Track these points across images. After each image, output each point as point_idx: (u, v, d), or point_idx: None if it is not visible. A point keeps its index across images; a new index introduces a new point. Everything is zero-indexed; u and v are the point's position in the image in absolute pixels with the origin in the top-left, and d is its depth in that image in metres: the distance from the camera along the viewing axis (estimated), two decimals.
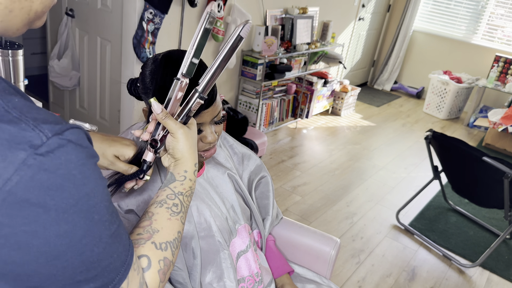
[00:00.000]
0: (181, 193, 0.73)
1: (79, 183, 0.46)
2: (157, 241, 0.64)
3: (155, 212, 0.68)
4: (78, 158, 0.46)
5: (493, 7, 4.98)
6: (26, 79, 1.76)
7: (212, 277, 1.02)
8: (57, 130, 0.44)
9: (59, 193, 0.44)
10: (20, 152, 0.42)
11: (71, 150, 0.45)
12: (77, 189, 0.46)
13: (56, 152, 0.44)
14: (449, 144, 2.38)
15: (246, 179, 1.21)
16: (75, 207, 0.46)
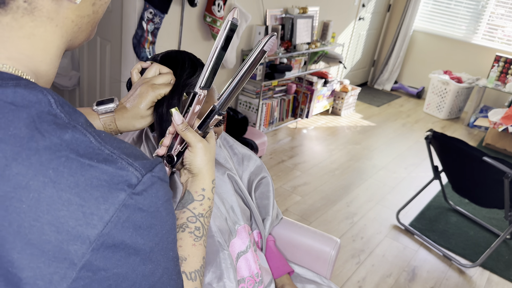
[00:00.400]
0: (201, 215, 0.69)
1: (164, 220, 0.46)
2: (186, 270, 0.62)
3: (179, 238, 0.65)
4: (164, 194, 0.46)
5: (493, 7, 4.98)
6: None
7: (212, 277, 1.02)
8: (148, 167, 0.44)
9: (147, 232, 0.44)
10: (120, 193, 0.41)
11: (160, 188, 0.45)
12: (162, 227, 0.46)
13: (149, 190, 0.43)
14: (449, 144, 2.37)
15: (246, 179, 1.21)
16: (158, 246, 0.46)
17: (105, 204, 0.40)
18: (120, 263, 0.42)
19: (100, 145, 0.43)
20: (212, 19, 2.95)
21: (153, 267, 0.45)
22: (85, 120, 0.45)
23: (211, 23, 2.97)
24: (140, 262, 0.44)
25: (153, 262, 0.45)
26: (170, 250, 0.48)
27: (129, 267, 0.43)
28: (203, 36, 3.08)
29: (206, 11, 2.95)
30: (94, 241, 0.40)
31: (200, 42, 3.08)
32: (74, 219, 0.39)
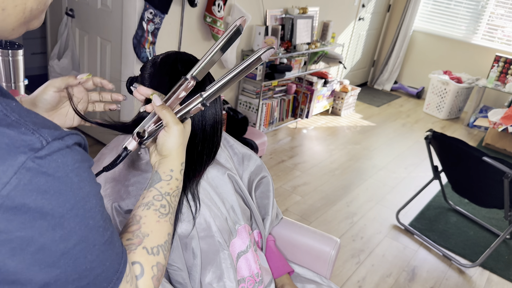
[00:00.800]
0: (168, 194, 0.70)
1: (75, 187, 0.46)
2: (148, 245, 0.62)
3: (143, 215, 0.66)
4: (74, 160, 0.46)
5: (493, 7, 4.98)
6: (26, 79, 1.77)
7: (212, 277, 1.02)
8: (57, 135, 0.44)
9: (56, 197, 0.43)
10: (20, 156, 0.41)
11: (68, 153, 0.45)
12: (73, 193, 0.45)
13: (54, 155, 0.43)
14: (449, 144, 2.38)
15: (246, 179, 1.21)
16: (71, 212, 0.45)
17: (3, 166, 0.40)
18: (24, 226, 0.41)
19: (6, 112, 0.43)
20: (212, 19, 2.96)
21: (65, 234, 0.45)
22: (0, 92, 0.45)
23: (211, 23, 2.97)
24: (49, 227, 0.43)
25: (65, 229, 0.45)
26: (89, 219, 0.48)
27: (35, 230, 0.42)
28: (203, 36, 3.08)
29: (206, 11, 2.95)
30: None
31: (200, 42, 3.08)
32: None
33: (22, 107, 0.46)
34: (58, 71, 3.01)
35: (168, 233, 0.67)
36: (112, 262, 0.52)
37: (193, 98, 0.77)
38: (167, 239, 0.66)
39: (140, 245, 0.62)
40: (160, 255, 0.63)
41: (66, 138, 0.45)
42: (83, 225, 0.47)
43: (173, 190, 0.71)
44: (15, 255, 0.42)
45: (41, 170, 0.42)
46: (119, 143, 1.05)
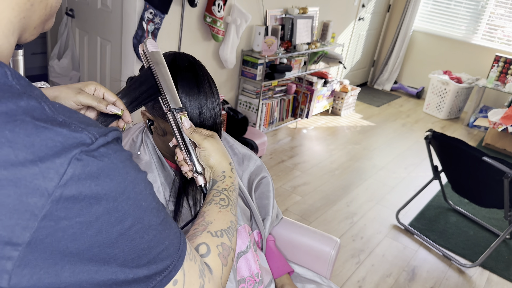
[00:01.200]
0: (224, 189, 0.77)
1: (122, 172, 0.49)
2: (212, 230, 0.68)
3: (206, 210, 0.73)
4: (118, 152, 0.50)
5: (493, 7, 4.98)
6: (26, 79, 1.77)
7: None
8: (102, 132, 0.48)
9: (107, 182, 0.47)
10: (73, 149, 0.45)
11: (112, 147, 0.49)
12: (122, 177, 0.49)
13: (102, 148, 0.47)
14: (449, 144, 2.38)
15: (246, 179, 1.21)
16: (123, 195, 0.49)
17: (60, 159, 0.44)
18: (82, 212, 0.45)
19: (53, 113, 0.47)
20: (212, 19, 2.96)
21: (120, 216, 0.48)
22: (40, 93, 0.48)
23: (211, 23, 2.97)
24: (104, 211, 0.47)
25: (119, 211, 0.48)
26: (141, 201, 0.51)
27: (91, 215, 0.46)
28: (203, 36, 3.08)
29: (206, 11, 2.95)
30: (53, 193, 0.43)
31: (200, 42, 3.08)
32: (31, 174, 0.43)
33: (65, 108, 0.49)
34: (58, 71, 3.01)
35: (231, 221, 0.73)
36: (171, 241, 0.55)
37: (171, 120, 0.80)
38: (230, 225, 0.72)
39: (204, 231, 0.68)
40: (224, 237, 0.69)
41: (110, 134, 0.49)
42: (136, 207, 0.50)
43: (228, 186, 0.78)
44: (76, 239, 0.46)
45: (91, 160, 0.46)
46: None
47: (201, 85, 0.88)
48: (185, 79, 0.87)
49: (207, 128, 0.90)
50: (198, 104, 0.87)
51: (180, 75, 0.87)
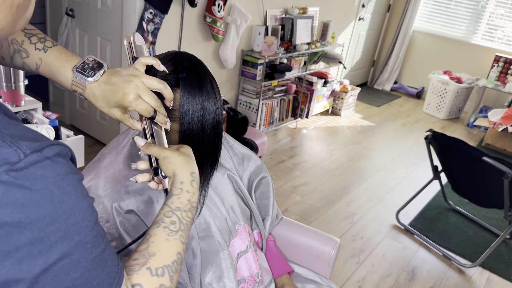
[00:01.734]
0: (178, 209, 0.67)
1: (56, 200, 0.44)
2: (152, 266, 0.59)
3: (153, 234, 0.63)
4: (56, 173, 0.44)
5: (493, 7, 4.98)
6: (26, 79, 1.76)
7: (212, 277, 1.02)
8: (36, 147, 0.43)
9: (34, 210, 0.42)
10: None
11: (48, 166, 0.43)
12: (54, 207, 0.43)
13: (31, 168, 0.42)
14: (449, 144, 2.38)
15: (246, 179, 1.21)
16: (52, 226, 0.43)
17: None
18: (0, 240, 0.41)
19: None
20: (212, 19, 2.96)
21: (44, 249, 0.43)
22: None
23: (211, 23, 2.97)
24: (27, 242, 0.42)
25: (45, 244, 0.43)
26: (74, 234, 0.45)
27: (11, 245, 0.41)
28: (203, 37, 3.08)
29: (206, 11, 2.95)
30: None
31: (200, 42, 3.08)
32: None
33: (2, 118, 0.44)
34: None
35: (178, 252, 0.63)
36: (101, 282, 0.49)
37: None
38: (175, 259, 0.62)
39: (144, 266, 0.59)
40: (165, 276, 0.60)
41: (46, 150, 0.44)
42: (66, 240, 0.45)
43: (184, 205, 0.68)
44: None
45: (16, 183, 0.41)
46: (118, 143, 1.05)
47: (203, 84, 0.88)
48: (186, 78, 0.87)
49: (208, 127, 0.90)
50: (199, 103, 0.87)
51: (181, 74, 0.87)
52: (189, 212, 0.68)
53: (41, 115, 1.84)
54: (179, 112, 0.86)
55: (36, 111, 1.84)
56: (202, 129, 0.88)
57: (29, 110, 1.83)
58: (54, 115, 1.84)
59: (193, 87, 0.87)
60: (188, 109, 0.86)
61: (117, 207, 0.93)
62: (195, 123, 0.87)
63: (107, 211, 0.92)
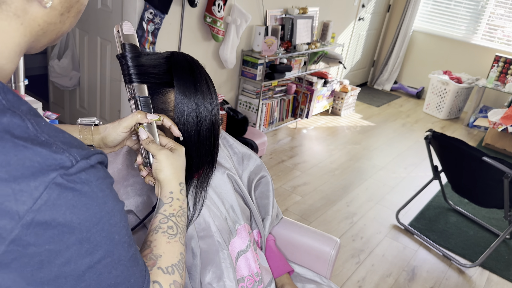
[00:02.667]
0: (172, 215, 0.72)
1: (100, 201, 0.47)
2: (163, 265, 0.64)
3: (153, 240, 0.68)
4: (97, 177, 0.47)
5: (493, 7, 4.98)
6: (26, 79, 1.77)
7: (212, 277, 1.02)
8: (84, 155, 0.46)
9: (83, 211, 0.45)
10: (51, 173, 0.43)
11: (95, 172, 0.47)
12: (99, 208, 0.47)
13: (82, 173, 0.45)
14: (449, 144, 2.38)
15: (245, 179, 1.21)
16: (97, 226, 0.47)
17: (35, 182, 0.42)
18: (52, 240, 0.43)
19: (36, 132, 0.45)
20: (212, 19, 2.96)
21: (91, 247, 0.46)
22: (28, 109, 0.47)
23: (211, 23, 2.97)
24: (76, 240, 0.45)
25: (91, 243, 0.46)
26: (115, 234, 0.49)
27: (62, 244, 0.44)
28: (203, 37, 3.08)
29: (206, 11, 2.95)
30: (24, 217, 0.41)
31: (200, 43, 3.08)
32: (2, 195, 0.41)
33: (51, 126, 0.48)
34: (58, 71, 3.01)
35: (181, 253, 0.69)
36: (136, 279, 0.53)
37: (132, 106, 0.81)
38: (180, 258, 0.68)
39: (155, 266, 0.63)
40: (175, 273, 0.65)
41: (93, 157, 0.47)
42: (109, 240, 0.49)
43: (176, 211, 0.73)
44: (43, 267, 0.43)
45: (69, 185, 0.44)
46: None
47: (198, 85, 0.87)
48: (182, 78, 0.86)
49: (203, 128, 0.88)
50: (195, 104, 0.86)
51: (177, 74, 0.86)
52: (182, 217, 0.74)
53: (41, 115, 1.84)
54: (174, 113, 0.85)
55: None
56: (198, 130, 0.87)
57: None
58: (54, 115, 1.84)
59: (188, 88, 0.86)
60: (183, 110, 0.85)
61: None
62: (190, 124, 0.86)
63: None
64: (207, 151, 0.92)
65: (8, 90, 0.46)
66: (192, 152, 0.89)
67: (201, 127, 0.87)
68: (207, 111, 0.88)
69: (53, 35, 0.53)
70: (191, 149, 0.88)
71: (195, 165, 0.91)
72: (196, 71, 0.88)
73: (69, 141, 0.47)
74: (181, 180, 0.77)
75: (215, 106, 0.90)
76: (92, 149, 0.49)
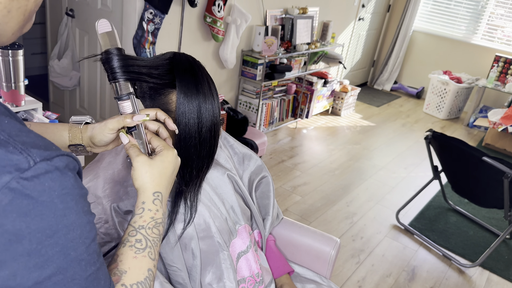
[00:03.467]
0: (142, 227, 0.67)
1: (59, 214, 0.43)
2: (127, 282, 0.60)
3: (120, 254, 0.64)
4: (62, 187, 0.44)
5: (493, 7, 4.98)
6: (26, 79, 1.77)
7: (212, 278, 1.02)
8: (46, 156, 0.43)
9: (36, 221, 0.41)
10: (5, 175, 0.40)
11: (57, 178, 0.43)
12: (56, 220, 0.43)
13: (41, 178, 0.42)
14: (449, 144, 2.38)
15: (246, 179, 1.21)
16: (50, 239, 0.43)
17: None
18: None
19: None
20: (212, 19, 2.96)
21: (41, 262, 0.43)
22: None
23: (211, 23, 2.97)
24: (24, 251, 0.41)
25: (42, 256, 0.43)
26: (71, 249, 0.45)
27: (8, 254, 0.40)
28: (203, 37, 3.08)
29: (206, 11, 2.95)
30: None
31: (200, 43, 3.08)
32: None
33: (14, 125, 0.44)
34: (58, 71, 3.01)
35: (149, 269, 0.64)
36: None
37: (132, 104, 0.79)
38: (147, 275, 0.63)
39: (118, 283, 0.59)
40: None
41: (56, 159, 0.43)
42: (63, 255, 0.44)
43: (147, 223, 0.67)
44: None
45: (24, 192, 0.41)
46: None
47: (200, 86, 0.87)
48: (183, 79, 0.86)
49: (204, 129, 0.88)
50: (196, 105, 0.86)
51: (178, 75, 0.86)
52: (154, 228, 0.68)
53: (41, 115, 1.84)
54: (175, 114, 0.85)
55: (36, 111, 1.84)
56: (199, 131, 0.87)
57: (29, 110, 1.84)
58: (54, 115, 1.84)
59: (189, 89, 0.86)
60: (184, 111, 0.85)
61: (116, 207, 0.93)
62: (191, 125, 0.86)
63: (106, 212, 0.92)
64: (207, 152, 0.92)
65: None
66: (192, 153, 0.88)
67: (202, 128, 0.87)
68: (209, 112, 0.88)
69: (20, 15, 0.48)
70: (192, 150, 0.88)
71: (195, 166, 0.91)
72: (198, 72, 0.88)
73: (33, 141, 0.43)
74: (158, 189, 0.71)
75: (216, 107, 0.90)
76: (60, 150, 0.45)
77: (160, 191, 0.72)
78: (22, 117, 1.81)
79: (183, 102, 0.85)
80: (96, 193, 0.94)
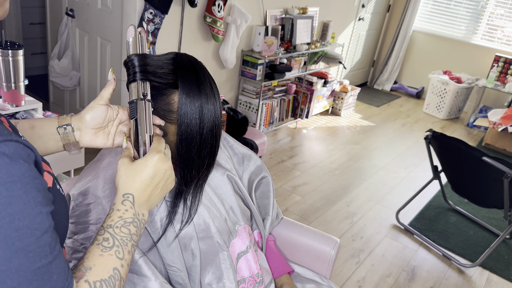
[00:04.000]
0: (109, 226, 0.67)
1: (2, 201, 0.41)
2: (90, 279, 0.59)
3: (88, 251, 0.64)
4: (9, 174, 0.42)
5: (493, 7, 4.98)
6: (26, 79, 1.77)
7: (212, 278, 1.02)
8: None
9: None
10: None
11: (4, 164, 0.41)
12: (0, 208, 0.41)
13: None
14: (449, 144, 2.38)
15: (246, 179, 1.21)
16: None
17: None
18: None
19: None
20: (212, 19, 2.96)
21: None
22: None
23: (211, 23, 2.97)
24: None
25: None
26: (15, 239, 0.43)
27: None
28: (203, 37, 3.08)
29: (206, 11, 2.95)
30: None
31: (200, 43, 3.09)
32: None
33: None
34: (58, 71, 3.01)
35: (114, 268, 0.62)
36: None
37: (145, 109, 0.79)
38: (112, 274, 0.62)
39: (82, 279, 0.58)
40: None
41: (2, 144, 0.41)
42: (6, 245, 0.42)
43: (114, 222, 0.67)
44: None
45: None
46: None
47: (202, 86, 0.87)
48: (186, 80, 0.86)
49: (206, 130, 0.88)
50: (198, 105, 0.86)
51: (181, 76, 0.86)
52: (122, 227, 0.68)
53: (41, 115, 1.84)
54: (177, 114, 0.86)
55: (36, 111, 1.84)
56: (201, 132, 0.87)
57: (29, 110, 1.84)
58: (54, 115, 1.84)
59: (191, 89, 0.86)
60: (186, 111, 0.85)
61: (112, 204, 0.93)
62: (193, 125, 0.86)
63: (106, 212, 0.92)
64: (208, 153, 0.92)
65: None
66: (193, 154, 0.89)
67: (203, 129, 0.87)
68: (210, 113, 0.88)
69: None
70: (193, 151, 0.88)
71: (195, 167, 0.91)
72: (200, 73, 0.88)
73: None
74: (128, 191, 0.71)
75: (218, 108, 0.90)
76: (10, 136, 0.43)
77: (131, 193, 0.72)
78: (22, 117, 1.81)
79: (185, 102, 0.85)
80: (96, 193, 0.94)
